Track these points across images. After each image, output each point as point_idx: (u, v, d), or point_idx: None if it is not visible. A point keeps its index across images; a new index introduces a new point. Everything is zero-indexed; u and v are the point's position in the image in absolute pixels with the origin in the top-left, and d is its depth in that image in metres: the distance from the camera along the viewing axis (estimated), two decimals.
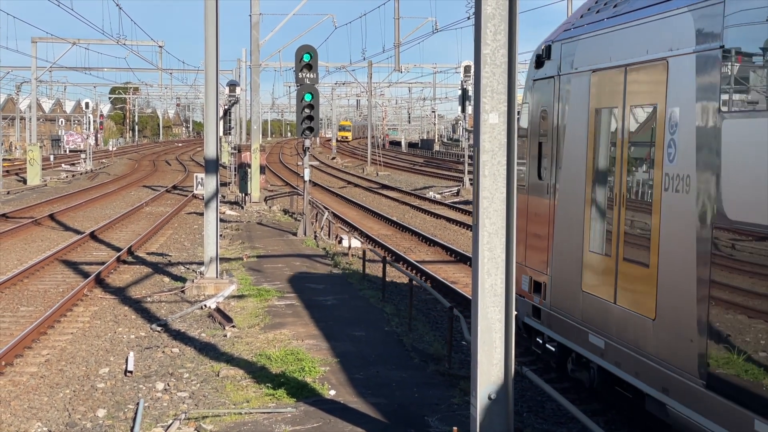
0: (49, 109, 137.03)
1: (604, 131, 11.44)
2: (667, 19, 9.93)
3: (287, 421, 10.73)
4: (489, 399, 8.92)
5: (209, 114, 20.21)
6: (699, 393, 8.88)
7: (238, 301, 18.52)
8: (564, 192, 12.49)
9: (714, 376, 8.65)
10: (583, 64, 12.03)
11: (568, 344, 12.14)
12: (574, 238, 11.96)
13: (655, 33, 10.19)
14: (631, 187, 10.65)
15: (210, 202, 20.04)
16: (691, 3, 9.49)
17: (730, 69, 8.88)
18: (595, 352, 11.28)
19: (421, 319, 17.41)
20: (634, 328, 10.30)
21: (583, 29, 12.25)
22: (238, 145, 48.34)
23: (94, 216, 36.76)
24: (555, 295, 12.55)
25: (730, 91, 8.84)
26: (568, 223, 12.27)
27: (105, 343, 15.54)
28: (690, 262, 9.11)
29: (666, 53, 9.86)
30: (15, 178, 59.42)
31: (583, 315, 11.66)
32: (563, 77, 12.65)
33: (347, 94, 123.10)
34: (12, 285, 20.59)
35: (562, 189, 12.55)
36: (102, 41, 62.64)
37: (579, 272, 11.78)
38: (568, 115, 12.49)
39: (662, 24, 10.05)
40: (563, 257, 12.35)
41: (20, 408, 11.97)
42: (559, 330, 12.41)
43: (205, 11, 19.93)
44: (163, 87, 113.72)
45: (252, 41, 42.39)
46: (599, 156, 11.51)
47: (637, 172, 10.57)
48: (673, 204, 9.56)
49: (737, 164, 8.51)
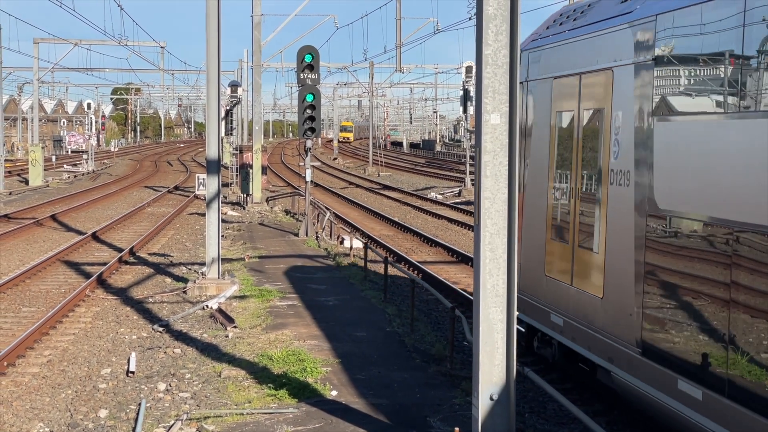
0: (51, 110, 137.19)
1: (563, 132, 12.66)
2: (613, 33, 11.23)
3: (289, 421, 10.74)
4: (491, 399, 8.92)
5: (211, 114, 20.22)
6: (636, 360, 10.23)
7: (240, 301, 18.53)
8: (531, 186, 13.77)
9: (648, 344, 10.02)
10: (547, 72, 13.30)
11: (534, 324, 13.58)
12: (539, 228, 13.31)
13: (604, 45, 11.46)
14: (585, 182, 11.88)
15: (212, 202, 20.05)
16: (631, 20, 10.80)
17: (658, 77, 10.20)
18: (556, 330, 12.64)
19: (422, 319, 17.41)
20: (586, 306, 11.64)
21: (548, 40, 13.50)
22: (240, 145, 48.35)
23: (95, 216, 36.79)
24: (523, 281, 13.49)
25: (659, 97, 10.13)
26: (533, 214, 13.57)
27: (107, 344, 15.55)
28: (629, 245, 10.44)
29: (611, 63, 11.15)
30: (17, 179, 59.46)
31: (545, 297, 13.07)
32: (531, 83, 13.85)
33: (349, 95, 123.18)
34: (14, 285, 20.60)
35: (529, 183, 13.83)
36: (104, 42, 62.70)
37: (543, 259, 13.18)
38: (534, 117, 13.74)
39: (609, 38, 11.34)
40: (530, 245, 13.59)
41: (22, 408, 11.98)
42: (527, 311, 13.70)
43: (207, 12, 19.94)
44: (165, 88, 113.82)
45: (254, 42, 42.42)
46: (559, 154, 12.78)
47: (589, 168, 11.75)
48: (616, 196, 10.87)
49: (665, 161, 9.84)
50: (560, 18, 13.66)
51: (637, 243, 10.27)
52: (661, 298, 9.82)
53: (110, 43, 59.47)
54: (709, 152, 8.96)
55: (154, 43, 65.54)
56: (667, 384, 9.53)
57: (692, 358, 9.10)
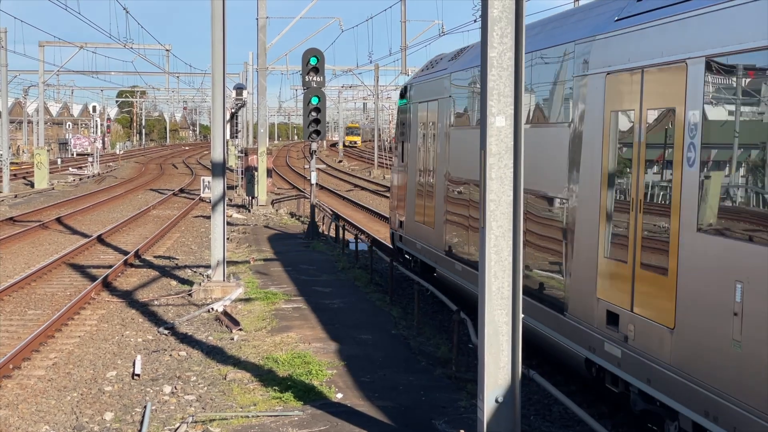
0: (57, 113, 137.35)
1: (424, 135, 20.65)
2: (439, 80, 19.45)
3: (294, 424, 10.74)
4: (496, 402, 8.90)
5: (216, 117, 20.24)
6: (443, 259, 18.59)
7: (245, 304, 18.53)
8: (411, 170, 21.76)
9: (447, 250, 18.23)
10: (417, 98, 21.47)
11: (413, 253, 21.81)
12: (414, 194, 21.42)
13: (437, 85, 19.64)
14: (426, 163, 20.24)
15: (217, 205, 20.06)
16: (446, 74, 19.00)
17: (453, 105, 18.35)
18: (420, 252, 20.85)
19: (428, 322, 17.40)
20: (427, 234, 20.01)
21: (417, 79, 22.17)
22: (245, 148, 48.40)
23: (101, 219, 36.83)
24: (407, 228, 22.20)
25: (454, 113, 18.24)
26: (412, 186, 21.59)
27: (112, 347, 15.56)
28: (440, 197, 18.81)
29: (438, 96, 19.39)
30: (22, 182, 59.53)
31: (415, 235, 21.23)
32: (412, 104, 21.97)
33: (354, 97, 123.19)
34: (20, 288, 20.63)
35: (410, 168, 21.86)
36: (109, 45, 62.85)
37: (413, 212, 21.34)
38: (412, 126, 21.84)
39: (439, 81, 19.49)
40: (409, 205, 21.85)
41: (28, 411, 11.99)
42: (409, 246, 22.02)
43: (212, 15, 19.96)
44: (170, 90, 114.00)
45: (259, 44, 42.44)
46: (421, 149, 20.81)
47: (431, 155, 19.83)
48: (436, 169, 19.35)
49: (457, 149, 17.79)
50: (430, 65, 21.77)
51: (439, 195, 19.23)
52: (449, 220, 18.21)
53: (116, 46, 59.59)
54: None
55: (160, 46, 65.66)
56: (452, 267, 17.85)
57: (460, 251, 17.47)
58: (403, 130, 22.70)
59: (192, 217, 38.52)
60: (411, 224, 21.46)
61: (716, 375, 8.69)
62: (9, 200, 46.01)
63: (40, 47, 66.65)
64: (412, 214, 21.33)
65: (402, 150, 22.84)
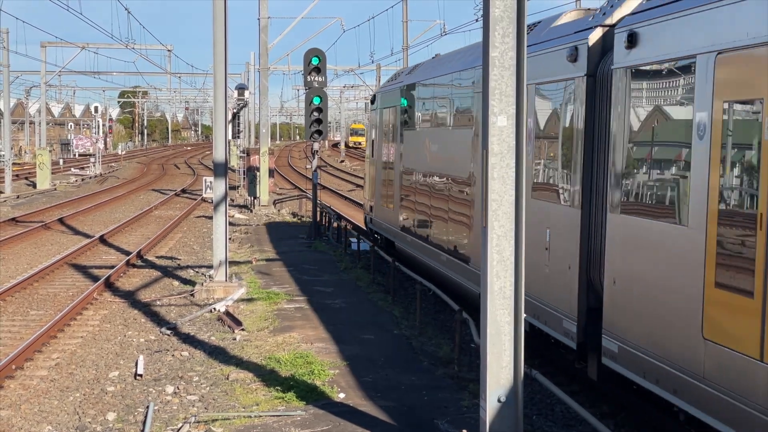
0: (59, 114, 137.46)
1: (386, 135, 25.05)
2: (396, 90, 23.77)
3: (297, 424, 10.74)
4: (498, 402, 8.90)
5: (218, 117, 20.24)
6: (399, 233, 23.04)
7: (247, 304, 18.54)
8: (378, 164, 26.18)
9: (402, 227, 22.81)
10: (381, 105, 25.78)
11: (380, 232, 26.01)
12: (380, 183, 25.71)
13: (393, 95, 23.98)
14: (388, 158, 24.57)
15: (219, 205, 20.07)
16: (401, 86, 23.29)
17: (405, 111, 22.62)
18: (384, 231, 25.19)
19: (429, 321, 17.41)
20: (388, 215, 24.44)
21: (382, 89, 26.69)
22: (247, 148, 48.38)
23: (103, 220, 36.84)
24: (376, 212, 26.53)
25: (406, 118, 22.46)
26: (378, 177, 26.05)
27: (115, 347, 15.57)
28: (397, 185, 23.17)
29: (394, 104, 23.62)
30: (24, 182, 59.55)
31: (381, 217, 25.55)
32: (379, 110, 26.15)
33: (356, 97, 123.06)
34: (22, 289, 20.64)
35: (377, 162, 26.27)
36: (111, 45, 62.87)
37: (380, 198, 25.65)
38: (378, 128, 26.39)
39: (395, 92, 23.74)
40: (377, 192, 26.18)
41: (30, 411, 12.00)
42: (377, 227, 26.36)
43: (214, 15, 19.97)
44: (172, 91, 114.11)
45: (260, 44, 42.44)
46: (384, 147, 25.15)
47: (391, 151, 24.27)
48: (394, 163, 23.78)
49: (407, 147, 22.34)
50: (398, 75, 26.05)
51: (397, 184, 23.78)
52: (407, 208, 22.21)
53: (117, 47, 59.64)
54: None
55: (161, 46, 65.69)
56: (405, 240, 22.28)
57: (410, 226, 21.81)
58: (372, 131, 27.73)
59: (194, 217, 38.52)
60: (378, 208, 26.17)
61: None
62: (11, 201, 46.03)
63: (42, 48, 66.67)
64: (379, 200, 26.05)
65: (372, 147, 27.61)
